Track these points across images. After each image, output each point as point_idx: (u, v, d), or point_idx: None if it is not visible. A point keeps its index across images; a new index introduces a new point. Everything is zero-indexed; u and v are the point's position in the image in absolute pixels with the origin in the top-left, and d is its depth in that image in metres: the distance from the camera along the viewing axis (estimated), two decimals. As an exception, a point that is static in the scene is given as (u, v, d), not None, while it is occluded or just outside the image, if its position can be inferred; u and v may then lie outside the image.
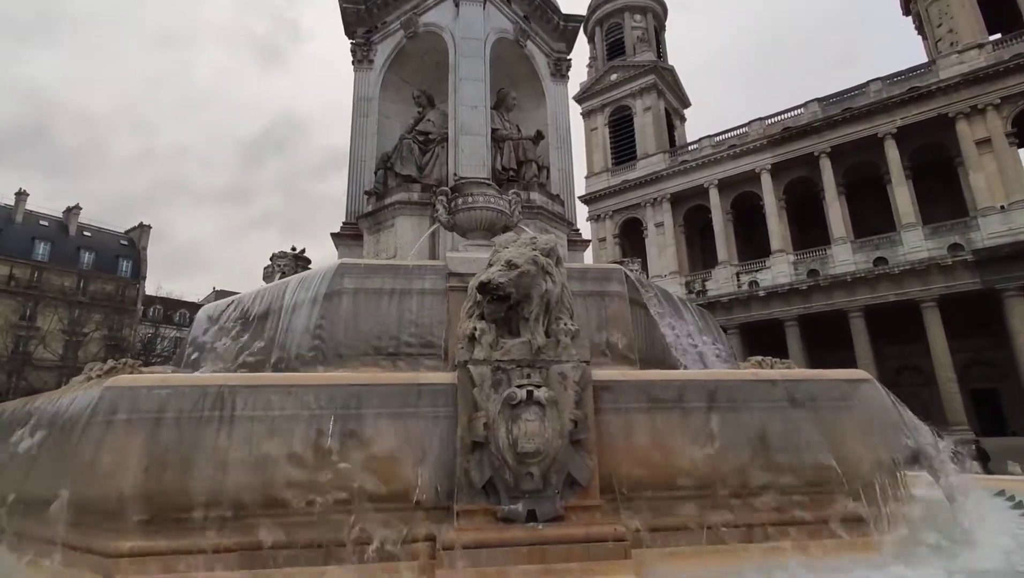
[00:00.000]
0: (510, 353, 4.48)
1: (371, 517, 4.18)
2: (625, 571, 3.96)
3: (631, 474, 4.43)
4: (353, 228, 12.05)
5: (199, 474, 4.10)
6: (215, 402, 4.25)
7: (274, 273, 12.15)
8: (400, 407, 4.45)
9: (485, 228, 8.52)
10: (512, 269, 4.59)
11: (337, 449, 4.26)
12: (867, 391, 5.06)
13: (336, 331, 6.72)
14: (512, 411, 4.28)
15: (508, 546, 4.00)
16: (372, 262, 8.09)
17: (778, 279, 39.67)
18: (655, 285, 8.53)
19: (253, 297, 8.06)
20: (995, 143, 34.58)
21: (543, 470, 4.20)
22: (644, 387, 4.77)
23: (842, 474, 4.66)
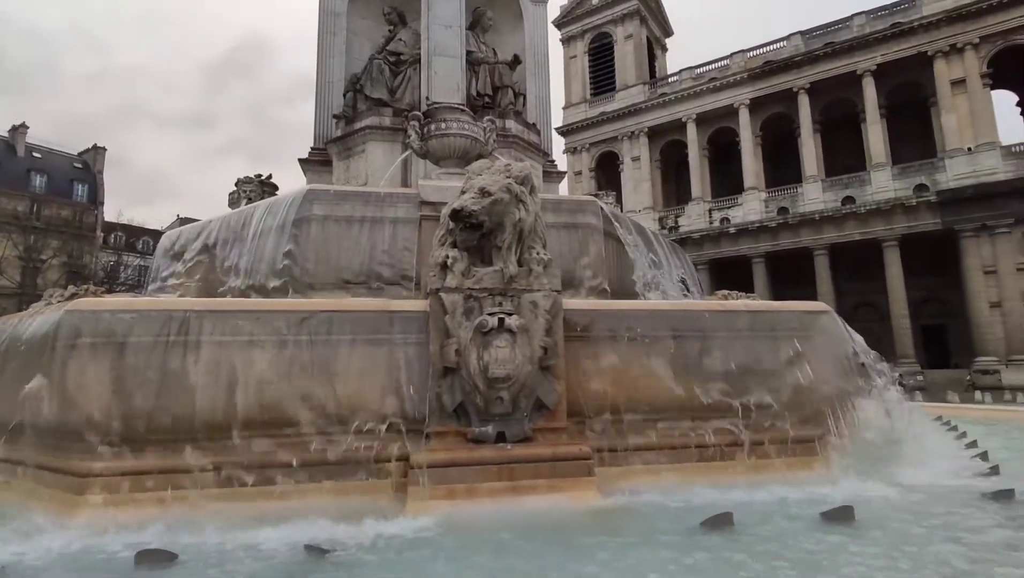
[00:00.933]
0: (482, 281, 4.49)
1: (344, 439, 4.28)
2: (588, 487, 4.19)
3: (597, 398, 4.60)
4: (322, 153, 11.63)
5: (168, 398, 4.10)
6: (181, 327, 4.19)
7: (240, 199, 11.74)
8: (372, 333, 4.47)
9: (459, 156, 8.30)
10: (485, 197, 4.52)
11: (309, 374, 4.30)
12: (825, 322, 5.27)
13: (305, 259, 6.61)
14: (483, 338, 4.34)
15: (478, 465, 4.16)
16: (342, 188, 7.88)
17: (749, 216, 40.16)
18: (629, 219, 8.55)
19: (219, 223, 7.82)
20: (970, 84, 34.65)
21: (513, 394, 4.32)
22: (613, 316, 4.87)
23: (799, 399, 4.93)
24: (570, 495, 4.09)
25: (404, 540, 3.50)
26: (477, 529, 3.65)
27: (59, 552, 3.42)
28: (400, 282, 6.72)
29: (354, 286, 6.65)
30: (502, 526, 3.68)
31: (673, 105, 44.90)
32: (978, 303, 32.91)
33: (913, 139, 38.12)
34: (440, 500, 4.02)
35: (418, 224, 6.97)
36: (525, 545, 3.35)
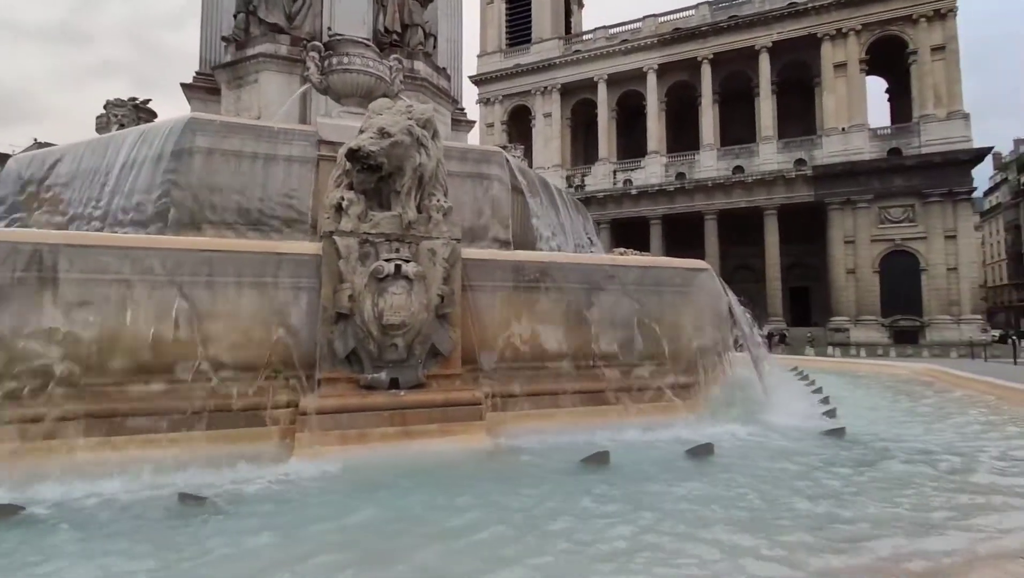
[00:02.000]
0: (379, 226, 4.37)
1: (228, 386, 4.09)
2: (478, 430, 4.33)
3: (492, 346, 4.71)
4: (209, 80, 10.57)
5: (20, 341, 3.68)
6: (31, 261, 3.73)
7: (110, 124, 10.46)
8: (259, 276, 4.23)
9: (362, 95, 7.86)
10: (385, 138, 4.35)
11: (188, 318, 4.02)
12: (704, 279, 5.69)
13: (185, 194, 6.06)
14: (379, 284, 4.26)
15: (370, 411, 4.15)
16: (231, 120, 7.22)
17: (650, 179, 41.92)
18: (535, 173, 8.61)
19: (83, 149, 6.92)
20: (849, 68, 37.76)
21: (408, 342, 4.31)
22: (511, 267, 4.95)
23: (678, 349, 5.34)
24: (461, 438, 4.21)
25: (288, 485, 3.46)
26: (366, 472, 3.68)
27: None
28: (293, 225, 6.38)
29: (243, 227, 6.21)
30: (392, 468, 3.74)
31: (586, 63, 45.13)
32: (837, 269, 36.98)
33: (798, 116, 41.16)
34: (330, 446, 3.98)
35: (316, 164, 6.58)
36: (413, 485, 3.43)
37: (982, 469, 3.80)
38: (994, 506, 3.03)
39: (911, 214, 35.96)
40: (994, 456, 4.14)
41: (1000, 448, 4.42)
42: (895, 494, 3.23)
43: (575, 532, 2.67)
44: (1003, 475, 3.66)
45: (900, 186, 35.80)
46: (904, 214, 36.11)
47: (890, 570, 2.14)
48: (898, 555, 2.34)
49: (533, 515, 2.91)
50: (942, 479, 3.58)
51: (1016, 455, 4.18)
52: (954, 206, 35.13)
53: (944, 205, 35.17)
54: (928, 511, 2.93)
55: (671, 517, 2.86)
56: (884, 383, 9.00)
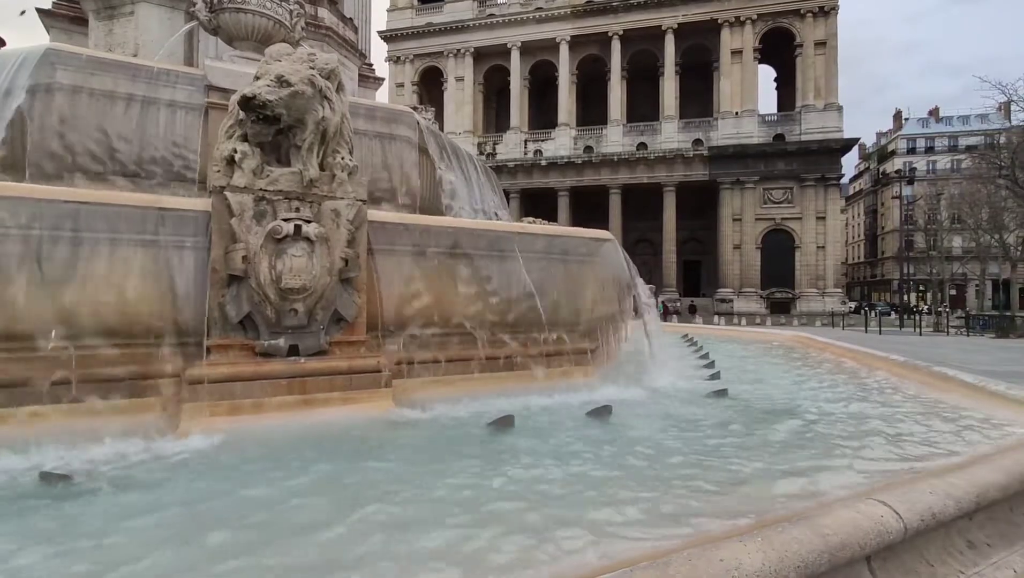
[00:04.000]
0: (277, 183, 4.08)
1: (99, 354, 3.69)
2: (384, 398, 4.25)
3: (398, 312, 4.60)
4: (73, 6, 9.26)
5: None
6: None
7: (-59, 49, 8.90)
8: (136, 233, 3.81)
9: (258, 39, 7.22)
10: (284, 87, 4.02)
11: (47, 278, 3.55)
12: (608, 250, 5.90)
13: (44, 138, 5.33)
14: (277, 245, 3.99)
15: (266, 379, 3.93)
16: (101, 55, 6.36)
17: (560, 151, 42.54)
18: (447, 138, 8.41)
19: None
20: (744, 55, 40.14)
21: (308, 307, 4.11)
22: (419, 231, 4.83)
23: (581, 317, 5.52)
24: (365, 406, 4.12)
25: (169, 460, 3.21)
26: (259, 442, 3.50)
27: None
28: (178, 178, 5.82)
29: (116, 178, 5.59)
30: (289, 438, 3.59)
31: (500, 28, 44.48)
32: (725, 244, 39.90)
33: (698, 98, 43.34)
34: (221, 417, 3.74)
35: (204, 112, 6.01)
36: (310, 454, 3.31)
37: (837, 421, 4.30)
38: (840, 454, 3.45)
39: (790, 196, 39.41)
40: (850, 411, 4.70)
41: (855, 403, 5.02)
42: (769, 447, 3.58)
43: (472, 487, 2.73)
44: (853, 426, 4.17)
45: (782, 170, 39.01)
46: (784, 196, 39.51)
47: (749, 510, 2.38)
48: (758, 496, 2.61)
49: (439, 477, 2.92)
50: (807, 431, 4.03)
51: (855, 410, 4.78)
52: (825, 190, 38.91)
53: (817, 189, 38.84)
54: (793, 462, 3.27)
55: (567, 470, 2.99)
56: (762, 348, 9.90)
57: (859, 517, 2.10)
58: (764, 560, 1.70)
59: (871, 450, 3.50)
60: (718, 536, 1.91)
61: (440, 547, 2.13)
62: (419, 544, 2.15)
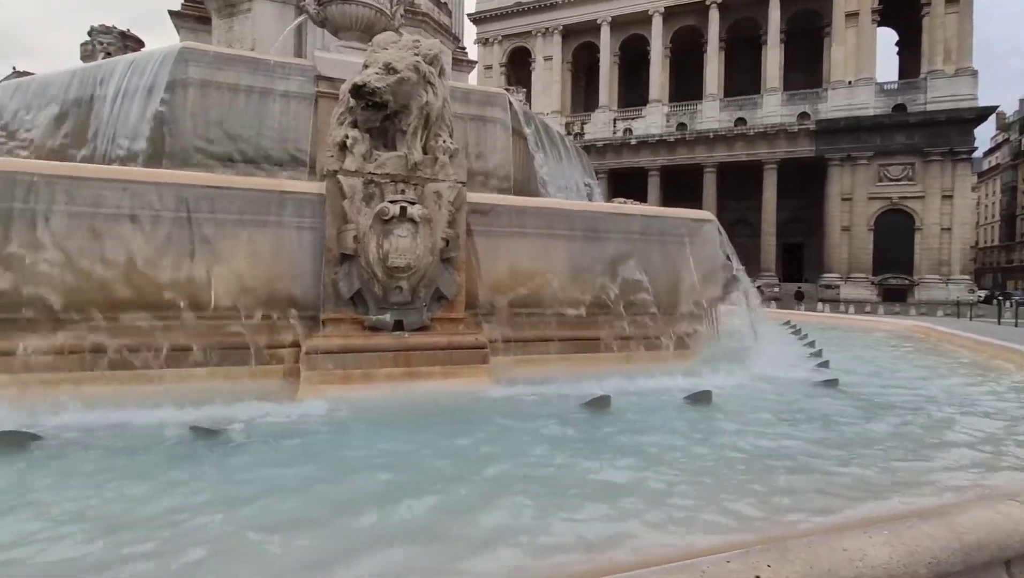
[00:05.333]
0: (384, 166, 4.28)
1: (230, 324, 4.09)
2: (482, 374, 4.40)
3: (495, 291, 4.72)
4: (198, 7, 10.10)
5: (15, 273, 3.63)
6: (28, 193, 3.65)
7: (95, 53, 10.04)
8: (261, 215, 4.17)
9: (361, 28, 7.55)
10: (391, 74, 4.20)
11: (188, 255, 3.97)
12: (708, 230, 5.68)
13: (180, 128, 5.90)
14: (384, 226, 4.21)
15: (375, 352, 4.19)
16: (225, 51, 6.94)
17: (651, 129, 41.14)
18: (538, 117, 8.41)
19: (71, 78, 6.66)
20: (861, 18, 36.57)
21: (412, 284, 4.31)
22: (515, 212, 4.90)
23: (678, 299, 5.38)
24: (464, 381, 4.28)
25: (293, 421, 3.51)
26: (369, 410, 3.74)
27: None
28: (291, 163, 6.26)
29: (239, 164, 6.10)
30: (396, 408, 3.81)
31: (589, 4, 43.41)
32: (833, 225, 36.99)
33: (804, 67, 40.14)
34: (334, 385, 4.04)
35: (314, 101, 6.40)
36: (416, 424, 3.51)
37: (970, 419, 3.93)
38: (984, 455, 3.15)
39: (910, 172, 35.75)
40: (982, 409, 4.27)
41: (990, 401, 4.56)
42: (886, 443, 3.34)
43: (567, 466, 2.78)
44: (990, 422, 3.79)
45: (901, 144, 35.42)
46: (903, 172, 35.89)
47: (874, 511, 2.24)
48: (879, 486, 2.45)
49: (535, 450, 3.00)
50: (933, 428, 3.71)
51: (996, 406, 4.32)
52: (954, 165, 34.91)
53: (944, 164, 34.94)
54: (920, 461, 3.03)
55: (667, 457, 2.96)
56: (875, 337, 9.17)
57: (999, 517, 1.93)
58: (891, 553, 1.61)
59: (1008, 457, 3.18)
60: (841, 526, 1.83)
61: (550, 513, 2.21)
62: (529, 502, 2.25)
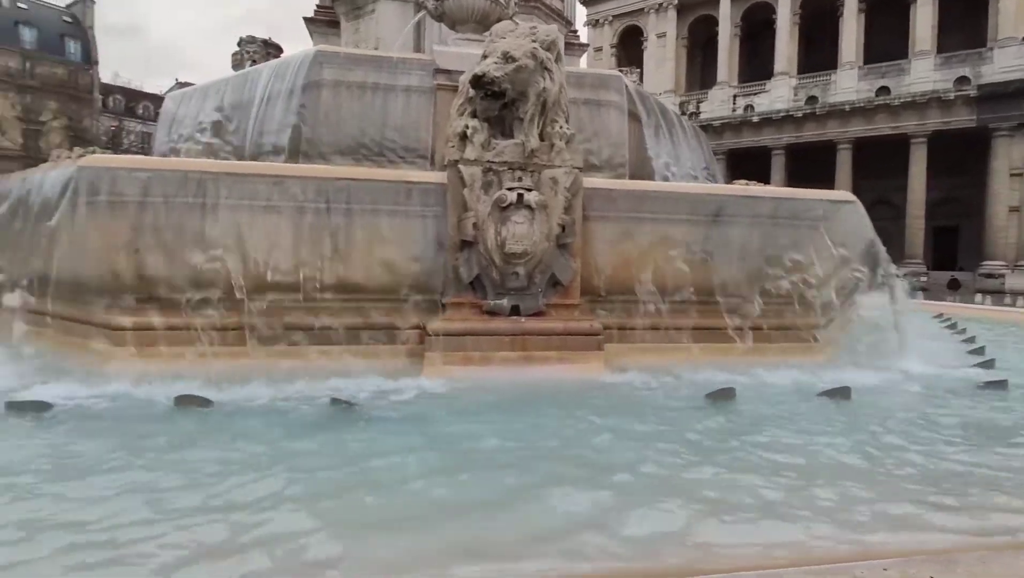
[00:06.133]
0: (502, 154, 4.36)
1: (361, 306, 4.41)
2: (596, 360, 4.38)
3: (611, 278, 4.65)
4: (328, 12, 10.85)
5: (188, 259, 4.16)
6: (198, 189, 4.15)
7: (244, 61, 11.14)
8: (390, 204, 4.42)
9: (477, 20, 7.71)
10: (509, 62, 4.25)
11: (327, 242, 4.32)
12: (847, 213, 5.17)
13: (316, 126, 6.40)
14: (502, 213, 4.30)
15: (492, 335, 4.32)
16: (353, 52, 7.42)
17: (775, 105, 38.13)
18: (655, 99, 8.12)
19: (225, 86, 7.48)
20: (1041, -40, 31.15)
21: (528, 270, 4.37)
22: (633, 197, 4.78)
23: (811, 288, 4.97)
24: (579, 367, 4.28)
25: (421, 397, 3.74)
26: (489, 391, 3.87)
27: (97, 396, 3.65)
28: (412, 155, 6.56)
29: (365, 157, 6.50)
30: (513, 390, 3.91)
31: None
32: (997, 206, 32.12)
33: (962, 26, 34.99)
34: (455, 365, 4.22)
35: (433, 94, 6.65)
36: (533, 406, 3.57)
37: None
38: None
39: (1102, 141, 30.06)
40: None
41: None
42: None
43: (698, 463, 2.67)
44: None
45: (1092, 107, 29.85)
46: (1093, 141, 30.27)
47: None
48: None
49: (655, 441, 2.93)
50: None
51: None
52: None
53: None
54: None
55: (804, 453, 2.76)
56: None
57: None
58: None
59: None
60: (1020, 544, 1.60)
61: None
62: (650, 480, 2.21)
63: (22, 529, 1.97)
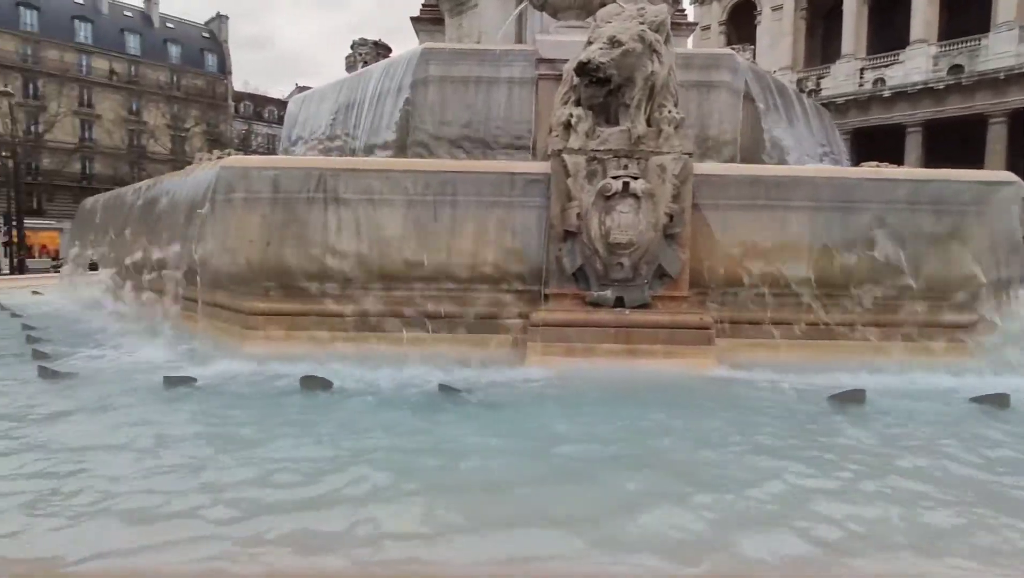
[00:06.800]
0: (607, 142, 4.26)
1: (467, 296, 4.52)
2: (707, 355, 4.17)
3: (723, 269, 4.41)
4: (433, 10, 11.18)
5: (312, 250, 4.47)
6: (319, 184, 4.44)
7: (356, 63, 11.81)
8: (494, 195, 4.48)
9: (579, 6, 7.58)
10: (615, 47, 4.13)
11: (434, 233, 4.46)
12: (1005, 196, 4.51)
13: (423, 121, 6.64)
14: (606, 202, 4.21)
15: (595, 327, 4.26)
16: (457, 47, 7.61)
17: (911, 76, 34.17)
18: (772, 77, 7.58)
19: (340, 88, 7.97)
20: None
21: (634, 261, 4.25)
22: (747, 183, 4.49)
23: (955, 282, 4.42)
24: (688, 362, 4.11)
25: (525, 387, 3.76)
26: (593, 383, 3.82)
27: (236, 374, 4.05)
28: (515, 146, 6.61)
29: (470, 150, 6.64)
30: (617, 384, 3.82)
31: (831, -64, 37.40)
32: None
33: None
34: (557, 356, 4.21)
35: (535, 84, 6.65)
36: (639, 401, 3.47)
37: None
38: None
39: None
40: None
41: None
42: None
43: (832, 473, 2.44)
44: None
45: None
46: None
47: None
48: None
49: (775, 448, 2.73)
50: None
51: None
52: None
53: None
54: None
55: (963, 472, 2.44)
56: None
57: None
58: None
59: None
60: None
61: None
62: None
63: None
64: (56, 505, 2.10)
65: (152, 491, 2.21)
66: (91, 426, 3.08)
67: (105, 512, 2.04)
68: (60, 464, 2.49)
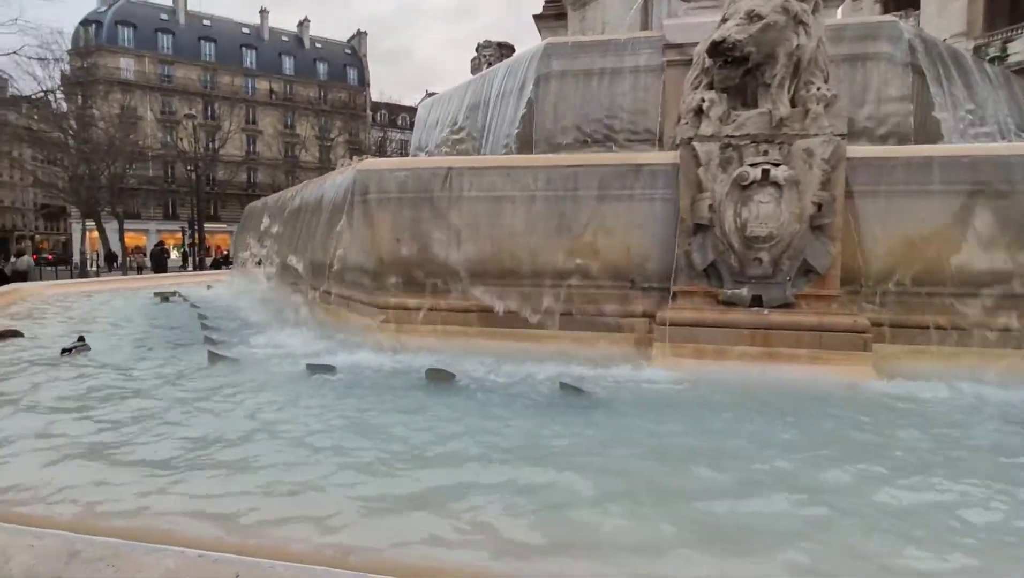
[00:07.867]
0: (744, 127, 3.91)
1: (588, 292, 4.39)
2: (861, 362, 3.67)
3: (883, 265, 3.86)
4: (556, 6, 11.11)
5: (437, 246, 4.61)
6: (444, 183, 4.56)
7: (481, 64, 12.11)
8: (617, 189, 4.31)
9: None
10: (754, 22, 3.77)
11: (555, 228, 4.39)
12: None
13: (545, 117, 6.60)
14: (742, 192, 3.86)
15: (728, 328, 3.93)
16: (579, 39, 7.47)
17: None
18: (944, 45, 6.56)
19: (465, 89, 8.20)
20: None
21: (774, 256, 3.86)
22: (912, 165, 3.88)
23: None
24: (837, 369, 3.65)
25: (650, 388, 3.58)
26: (723, 389, 3.53)
27: (369, 364, 4.29)
28: (639, 137, 6.35)
29: (592, 142, 6.50)
30: (752, 390, 3.49)
31: None
32: None
33: None
34: (685, 357, 3.95)
35: (661, 72, 6.33)
36: (776, 413, 3.12)
37: None
38: None
39: None
40: None
41: None
42: None
43: None
44: None
45: None
46: None
47: None
48: None
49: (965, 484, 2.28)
50: None
51: None
52: None
53: None
54: None
55: None
56: None
57: None
58: None
59: None
60: None
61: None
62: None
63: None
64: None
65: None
66: (254, 401, 3.46)
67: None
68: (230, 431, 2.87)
